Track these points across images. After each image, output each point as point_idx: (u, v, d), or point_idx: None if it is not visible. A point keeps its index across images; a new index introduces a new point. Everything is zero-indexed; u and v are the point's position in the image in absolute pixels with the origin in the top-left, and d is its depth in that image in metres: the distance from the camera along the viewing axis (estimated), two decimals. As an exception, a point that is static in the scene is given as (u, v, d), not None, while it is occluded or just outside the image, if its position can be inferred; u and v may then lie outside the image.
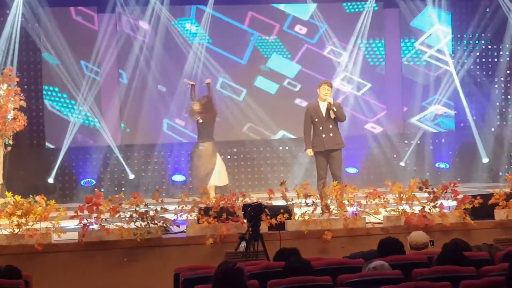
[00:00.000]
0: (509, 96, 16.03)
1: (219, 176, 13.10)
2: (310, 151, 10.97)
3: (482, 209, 9.69)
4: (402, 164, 15.77)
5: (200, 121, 13.00)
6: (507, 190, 10.01)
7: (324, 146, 10.81)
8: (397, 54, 15.99)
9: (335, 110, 10.82)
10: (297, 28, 15.61)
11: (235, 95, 15.43)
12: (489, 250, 6.83)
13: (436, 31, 15.77)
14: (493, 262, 6.28)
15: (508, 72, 15.91)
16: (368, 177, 15.59)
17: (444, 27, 15.79)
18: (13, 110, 12.37)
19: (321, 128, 10.86)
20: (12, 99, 12.35)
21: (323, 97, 10.88)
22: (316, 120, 10.89)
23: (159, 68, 15.07)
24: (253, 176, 15.68)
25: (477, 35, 15.84)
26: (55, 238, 9.12)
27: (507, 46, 15.62)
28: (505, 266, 5.51)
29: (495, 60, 16.03)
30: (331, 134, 10.84)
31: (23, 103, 12.51)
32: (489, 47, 16.03)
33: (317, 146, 10.87)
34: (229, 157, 15.40)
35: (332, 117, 10.84)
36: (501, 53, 15.87)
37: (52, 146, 14.87)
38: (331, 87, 11.07)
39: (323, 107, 10.89)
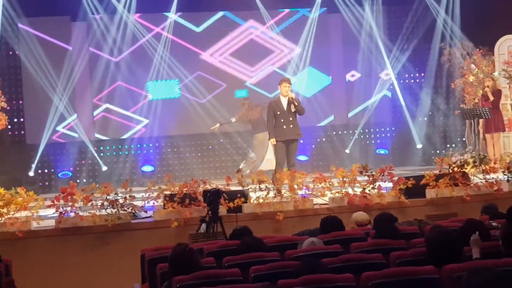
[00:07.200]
0: (439, 89, 16.20)
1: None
2: (273, 141, 10.99)
3: (415, 189, 9.83)
4: (347, 151, 15.87)
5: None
6: (436, 172, 10.15)
7: (285, 136, 10.86)
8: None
9: (296, 104, 10.86)
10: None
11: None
12: (419, 225, 6.94)
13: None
14: (422, 235, 6.35)
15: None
16: (317, 164, 15.65)
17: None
18: (-5, 111, 12.25)
19: (282, 120, 10.89)
20: (-6, 101, 12.24)
21: (284, 94, 10.90)
22: (278, 113, 10.90)
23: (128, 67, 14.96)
24: (214, 165, 15.63)
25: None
26: (34, 225, 9.06)
27: (437, 45, 15.76)
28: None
29: (426, 56, 16.17)
30: (291, 126, 10.89)
31: (4, 104, 12.39)
32: (421, 45, 16.17)
33: (279, 136, 10.90)
34: (193, 148, 15.37)
35: (293, 111, 10.88)
36: (431, 50, 16.01)
37: (31, 143, 14.66)
38: (290, 83, 11.11)
39: (284, 102, 10.91)
